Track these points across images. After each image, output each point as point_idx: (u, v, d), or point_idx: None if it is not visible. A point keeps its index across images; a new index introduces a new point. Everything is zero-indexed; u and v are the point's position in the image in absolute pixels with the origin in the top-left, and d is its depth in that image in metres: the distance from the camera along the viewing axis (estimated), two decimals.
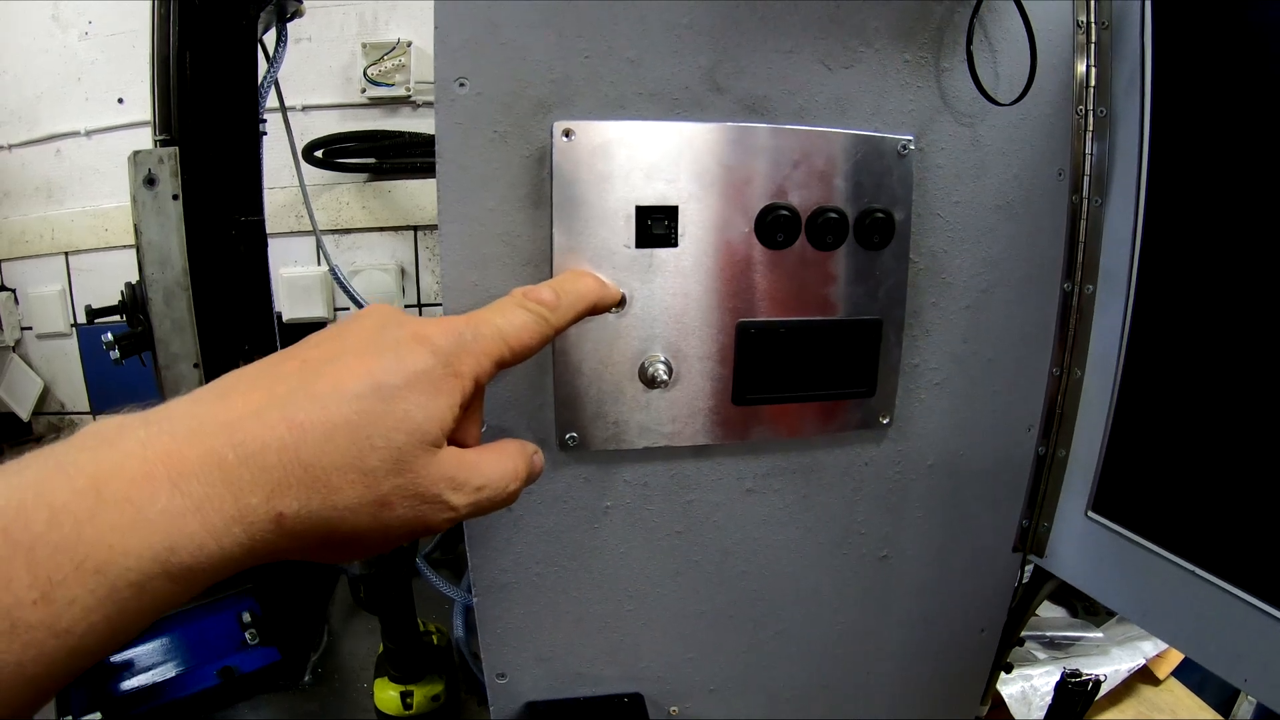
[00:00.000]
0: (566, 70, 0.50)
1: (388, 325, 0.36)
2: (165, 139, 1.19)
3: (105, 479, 0.27)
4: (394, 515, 0.33)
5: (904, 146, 0.55)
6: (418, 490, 0.34)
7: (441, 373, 0.35)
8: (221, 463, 0.29)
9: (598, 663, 0.63)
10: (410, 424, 0.33)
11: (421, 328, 0.36)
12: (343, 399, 0.32)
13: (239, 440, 0.29)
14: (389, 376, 0.33)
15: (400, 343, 0.35)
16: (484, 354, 0.37)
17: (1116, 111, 0.60)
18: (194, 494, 0.28)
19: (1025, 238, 0.61)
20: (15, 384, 2.15)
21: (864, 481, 0.63)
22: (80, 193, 2.06)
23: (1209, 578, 0.54)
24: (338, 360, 0.34)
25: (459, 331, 0.37)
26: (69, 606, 0.25)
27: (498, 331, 0.38)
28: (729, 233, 0.53)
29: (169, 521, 0.27)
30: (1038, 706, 1.03)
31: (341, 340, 0.35)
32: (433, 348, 0.35)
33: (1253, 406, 0.52)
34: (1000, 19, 0.56)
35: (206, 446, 0.29)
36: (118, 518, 0.26)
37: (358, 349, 0.34)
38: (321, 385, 0.32)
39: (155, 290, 1.17)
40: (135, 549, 0.26)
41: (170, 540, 0.27)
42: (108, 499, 0.27)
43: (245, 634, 1.25)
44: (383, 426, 0.32)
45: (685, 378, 0.55)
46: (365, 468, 0.32)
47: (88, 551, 0.26)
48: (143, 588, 0.27)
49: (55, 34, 1.96)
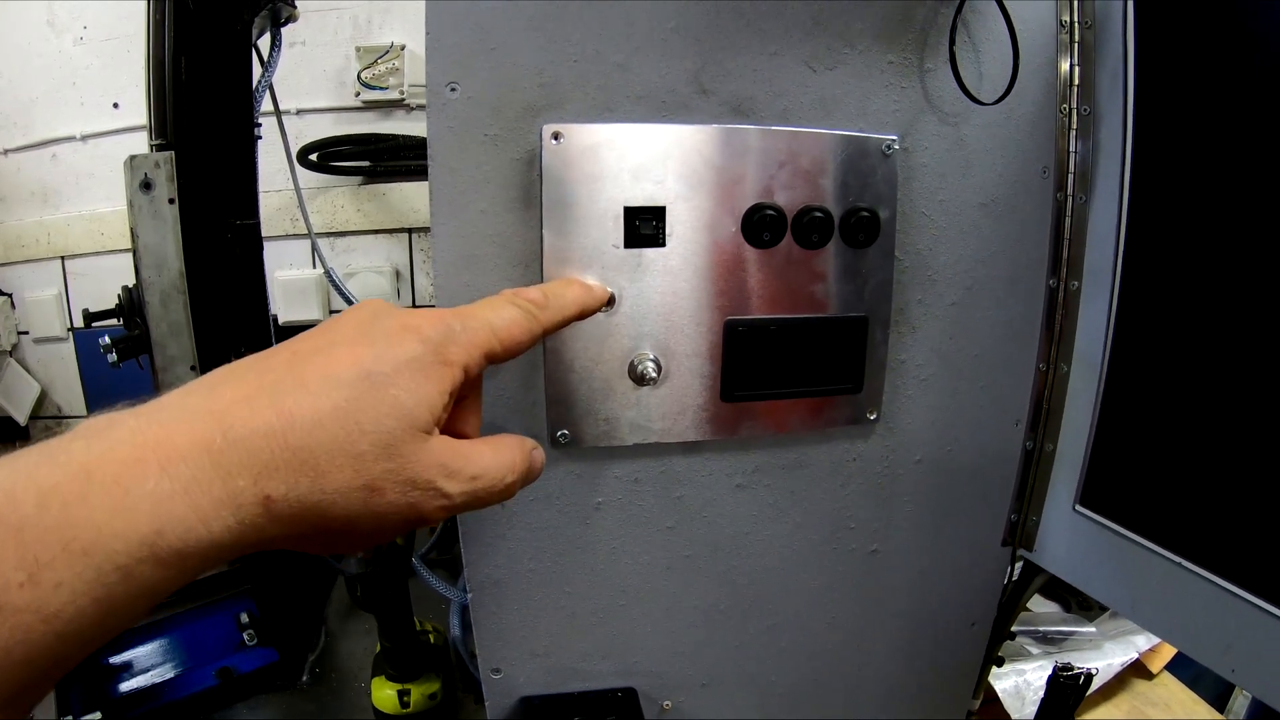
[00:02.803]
0: (555, 74, 0.51)
1: (378, 316, 0.37)
2: (161, 143, 1.20)
3: (95, 464, 0.27)
4: (385, 501, 0.33)
5: (888, 146, 0.56)
6: (409, 476, 0.34)
7: (431, 360, 0.35)
8: (209, 447, 0.29)
9: (591, 658, 0.63)
10: (400, 409, 0.33)
11: (411, 318, 0.37)
12: (331, 386, 0.32)
13: (227, 425, 0.30)
14: (378, 364, 0.34)
15: (390, 332, 0.35)
16: (473, 345, 0.37)
17: (1100, 109, 0.61)
18: (181, 477, 0.28)
19: (1010, 235, 0.62)
20: (12, 388, 2.16)
21: (852, 477, 0.63)
22: (76, 197, 2.07)
23: (1196, 570, 0.55)
24: (327, 350, 0.34)
25: (448, 323, 0.37)
26: (56, 590, 0.25)
27: (487, 324, 0.38)
28: (716, 232, 0.54)
29: (156, 504, 0.28)
30: (1031, 701, 1.03)
31: (332, 332, 0.36)
32: (421, 336, 0.35)
33: (1237, 399, 0.52)
34: (983, 20, 0.57)
35: (195, 432, 0.29)
36: (106, 499, 0.27)
37: (348, 339, 0.35)
38: (310, 373, 0.33)
39: (152, 293, 1.18)
40: (123, 531, 0.27)
41: (158, 523, 0.27)
42: (97, 482, 0.27)
43: (243, 635, 1.26)
44: (372, 412, 0.33)
45: (674, 375, 0.56)
46: (354, 452, 0.32)
47: (75, 533, 0.26)
48: (130, 572, 0.27)
49: (50, 38, 1.97)
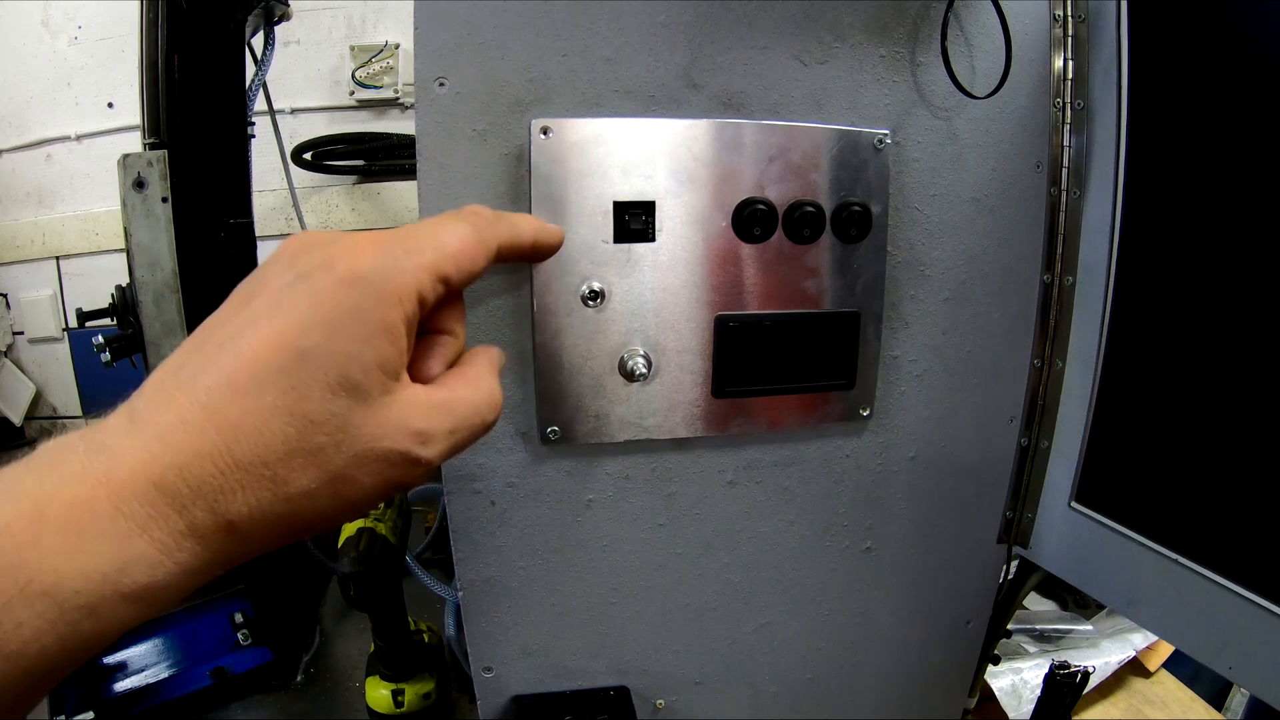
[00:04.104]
0: (544, 69, 0.51)
1: (297, 262, 0.31)
2: (154, 142, 1.19)
3: (47, 502, 0.26)
4: (358, 488, 0.30)
5: (880, 140, 0.56)
6: (378, 452, 0.30)
7: (372, 304, 0.30)
8: (158, 481, 0.27)
9: (583, 656, 0.63)
10: (348, 382, 0.29)
11: (340, 252, 0.31)
12: (264, 380, 0.28)
13: (171, 452, 0.27)
14: (308, 335, 0.29)
15: (316, 286, 0.30)
16: (421, 268, 0.32)
17: (1094, 104, 0.60)
18: (138, 515, 0.27)
19: (1004, 230, 0.62)
20: (7, 389, 2.15)
21: (845, 474, 0.63)
22: (71, 197, 2.06)
23: (1192, 566, 0.55)
24: (249, 329, 0.29)
25: (387, 249, 0.31)
26: (17, 629, 0.24)
27: (435, 242, 0.33)
28: (707, 227, 0.54)
29: (115, 543, 0.26)
30: (1027, 699, 1.03)
31: (251, 304, 0.31)
32: (354, 277, 0.30)
33: (1233, 395, 0.52)
34: (976, 14, 0.57)
35: (140, 464, 0.27)
36: (60, 541, 0.25)
37: (268, 308, 0.30)
38: (238, 368, 0.28)
39: (145, 293, 1.17)
40: (83, 570, 0.25)
41: (119, 561, 0.26)
42: (50, 522, 0.25)
43: (237, 635, 1.25)
44: (317, 397, 0.29)
45: (665, 371, 0.56)
46: (311, 448, 0.29)
47: (31, 575, 0.25)
48: (96, 610, 0.26)
49: (45, 39, 1.96)
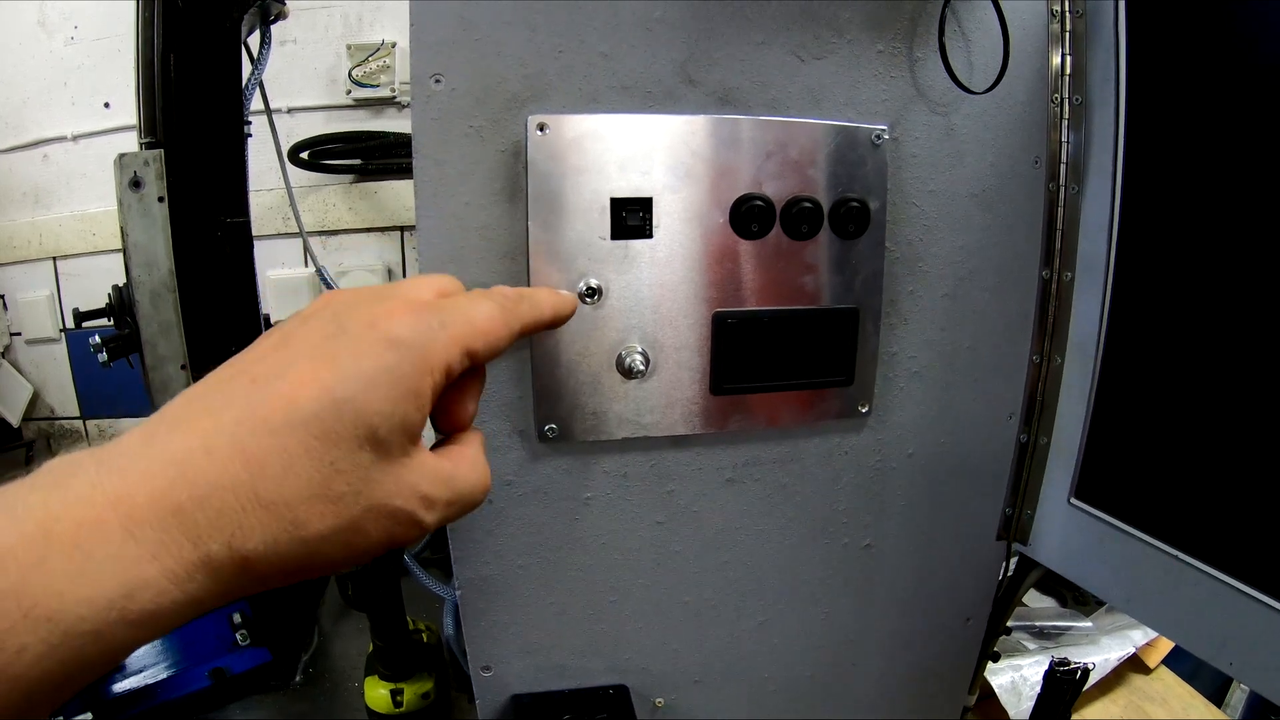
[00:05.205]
0: (540, 65, 0.51)
1: (341, 317, 0.33)
2: (151, 142, 1.19)
3: (53, 523, 0.25)
4: (366, 539, 0.31)
5: (878, 136, 0.55)
6: (390, 509, 0.32)
7: (408, 369, 0.32)
8: (176, 508, 0.27)
9: (582, 655, 0.63)
10: (374, 438, 0.30)
11: (381, 316, 0.33)
12: (298, 423, 0.29)
13: (191, 480, 0.27)
14: (345, 386, 0.30)
15: (357, 340, 0.31)
16: (453, 341, 0.34)
17: (1092, 99, 0.60)
18: (149, 540, 0.26)
19: (1002, 226, 0.61)
20: (5, 390, 2.15)
21: (844, 470, 0.63)
22: (68, 197, 2.06)
23: (1192, 562, 0.55)
24: (288, 372, 0.30)
25: (426, 320, 0.33)
26: (19, 654, 0.24)
27: (467, 319, 0.35)
28: (704, 223, 0.53)
29: (123, 569, 0.26)
30: (1027, 696, 1.02)
31: (290, 345, 0.32)
32: (394, 340, 0.32)
33: (1233, 390, 0.52)
34: (974, 9, 0.57)
35: (158, 489, 0.27)
36: (66, 565, 0.25)
37: (309, 353, 0.31)
38: (273, 407, 0.29)
39: (142, 292, 1.17)
40: (88, 596, 0.25)
41: (126, 587, 0.26)
42: (55, 544, 0.25)
43: (236, 635, 1.25)
44: (345, 447, 0.30)
45: (663, 368, 0.55)
46: (332, 495, 0.29)
47: (36, 599, 0.24)
48: (101, 635, 0.25)
49: (41, 39, 1.95)
